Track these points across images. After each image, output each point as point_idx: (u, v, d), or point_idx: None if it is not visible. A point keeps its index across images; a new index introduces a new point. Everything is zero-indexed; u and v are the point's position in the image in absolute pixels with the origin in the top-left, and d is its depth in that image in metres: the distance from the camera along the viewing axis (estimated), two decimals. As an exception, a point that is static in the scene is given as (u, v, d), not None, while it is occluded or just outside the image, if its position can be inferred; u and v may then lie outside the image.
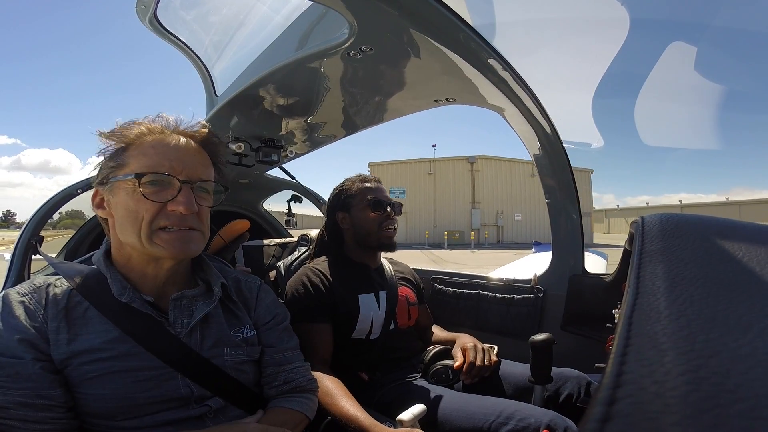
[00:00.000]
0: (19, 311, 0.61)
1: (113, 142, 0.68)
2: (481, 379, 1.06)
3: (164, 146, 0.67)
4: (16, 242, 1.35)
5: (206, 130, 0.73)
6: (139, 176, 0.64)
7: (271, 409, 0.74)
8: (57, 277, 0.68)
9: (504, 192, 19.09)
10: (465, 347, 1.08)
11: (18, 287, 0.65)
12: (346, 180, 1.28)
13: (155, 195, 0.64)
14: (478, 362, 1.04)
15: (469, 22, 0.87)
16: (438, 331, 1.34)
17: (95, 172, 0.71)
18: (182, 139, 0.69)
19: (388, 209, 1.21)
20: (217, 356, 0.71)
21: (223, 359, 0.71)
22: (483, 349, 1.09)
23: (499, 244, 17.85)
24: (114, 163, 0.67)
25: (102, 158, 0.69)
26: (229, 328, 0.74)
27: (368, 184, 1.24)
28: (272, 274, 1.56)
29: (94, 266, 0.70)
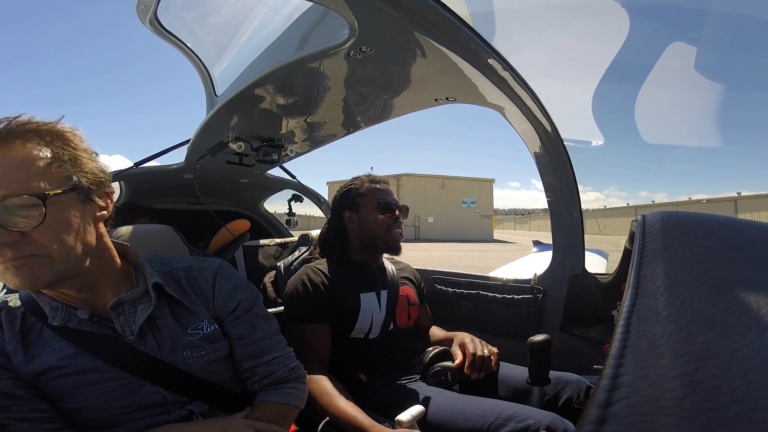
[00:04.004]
0: None
1: None
2: (480, 381, 1.05)
3: None
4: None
5: (20, 119, 0.56)
6: None
7: (258, 404, 0.72)
8: (14, 295, 0.64)
9: (420, 200, 24.57)
10: (463, 343, 1.08)
11: None
12: (355, 179, 1.26)
13: None
14: (479, 353, 1.04)
15: (469, 22, 0.87)
16: (437, 331, 1.34)
17: None
18: None
19: (397, 212, 1.21)
20: (179, 361, 0.66)
21: (185, 363, 0.66)
22: (481, 342, 1.08)
23: (416, 239, 23.48)
24: None
25: None
26: (184, 328, 0.68)
27: (378, 186, 1.23)
28: (272, 273, 1.56)
29: None
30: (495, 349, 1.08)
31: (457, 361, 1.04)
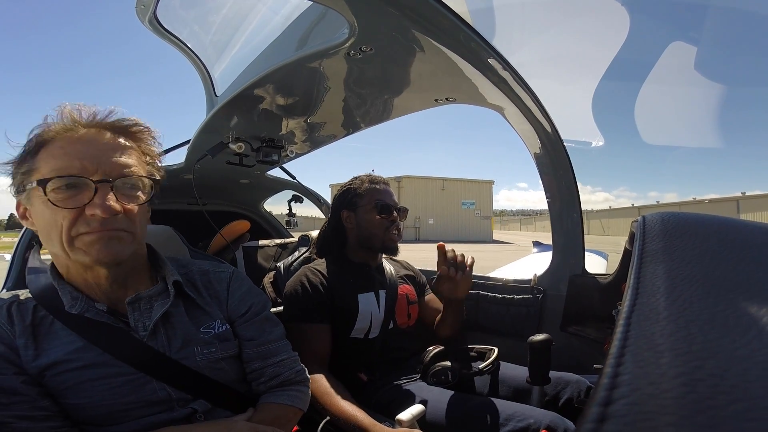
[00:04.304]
0: None
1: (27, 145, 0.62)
2: (480, 380, 1.05)
3: (73, 143, 0.60)
4: (16, 243, 1.35)
5: (131, 118, 0.66)
6: (42, 183, 0.57)
7: (261, 405, 0.73)
8: (25, 290, 0.66)
9: (421, 202, 25.23)
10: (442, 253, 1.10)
11: None
12: (355, 178, 1.27)
13: (69, 201, 0.58)
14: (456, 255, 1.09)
15: (468, 18, 0.87)
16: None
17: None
18: (95, 132, 0.62)
19: (395, 214, 1.20)
20: (188, 357, 0.68)
21: (195, 359, 0.68)
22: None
23: (417, 240, 23.97)
24: (26, 168, 0.60)
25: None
26: (197, 326, 0.71)
27: (377, 186, 1.23)
28: (272, 274, 1.56)
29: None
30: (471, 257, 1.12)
31: (442, 269, 1.08)
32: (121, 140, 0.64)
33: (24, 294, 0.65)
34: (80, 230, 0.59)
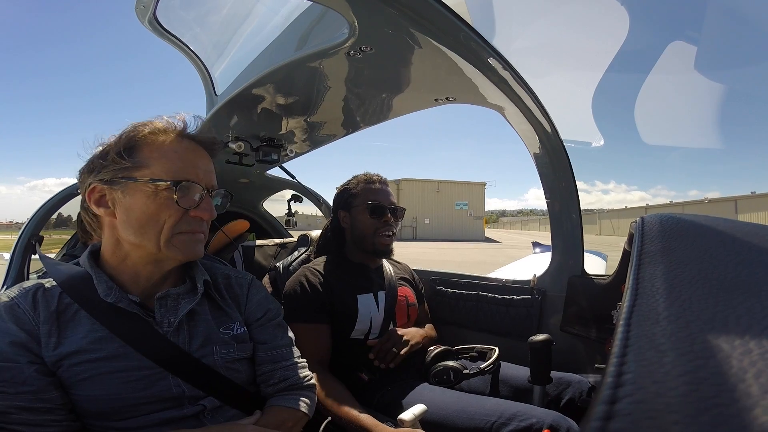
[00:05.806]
0: (9, 315, 0.61)
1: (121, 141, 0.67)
2: (481, 381, 1.05)
3: (185, 152, 0.68)
4: (15, 242, 1.35)
5: (213, 137, 0.75)
6: (176, 183, 0.64)
7: (269, 408, 0.74)
8: (49, 279, 0.67)
9: (418, 203, 27.30)
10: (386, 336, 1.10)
11: (8, 291, 0.65)
12: (353, 177, 1.27)
13: (182, 201, 0.65)
14: (384, 345, 1.08)
15: (469, 21, 0.87)
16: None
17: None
18: (192, 144, 0.70)
19: (388, 215, 1.19)
20: (207, 355, 0.70)
21: (213, 358, 0.70)
22: (402, 336, 1.10)
23: (414, 239, 25.64)
24: (129, 163, 0.64)
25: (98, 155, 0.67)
26: (218, 326, 0.74)
27: (372, 186, 1.22)
28: (271, 274, 1.56)
29: (82, 267, 0.69)
30: (416, 340, 1.11)
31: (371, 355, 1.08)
32: (208, 154, 0.73)
33: (49, 282, 0.66)
34: (182, 228, 0.66)
